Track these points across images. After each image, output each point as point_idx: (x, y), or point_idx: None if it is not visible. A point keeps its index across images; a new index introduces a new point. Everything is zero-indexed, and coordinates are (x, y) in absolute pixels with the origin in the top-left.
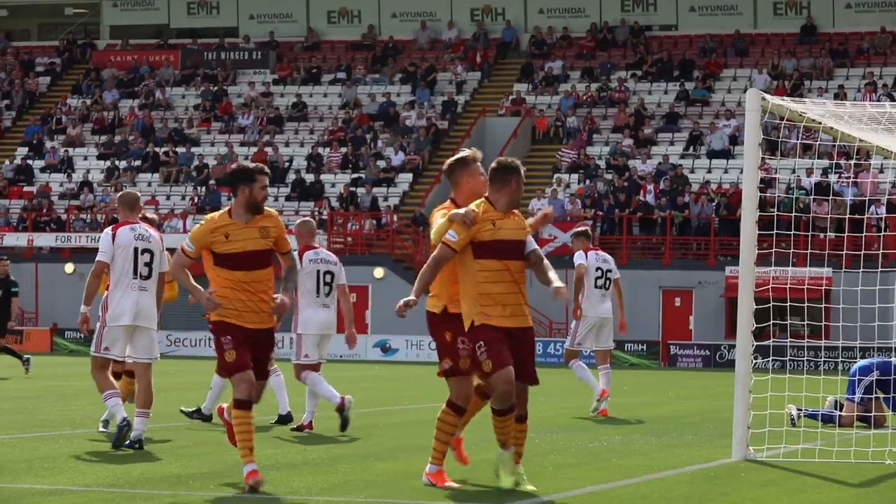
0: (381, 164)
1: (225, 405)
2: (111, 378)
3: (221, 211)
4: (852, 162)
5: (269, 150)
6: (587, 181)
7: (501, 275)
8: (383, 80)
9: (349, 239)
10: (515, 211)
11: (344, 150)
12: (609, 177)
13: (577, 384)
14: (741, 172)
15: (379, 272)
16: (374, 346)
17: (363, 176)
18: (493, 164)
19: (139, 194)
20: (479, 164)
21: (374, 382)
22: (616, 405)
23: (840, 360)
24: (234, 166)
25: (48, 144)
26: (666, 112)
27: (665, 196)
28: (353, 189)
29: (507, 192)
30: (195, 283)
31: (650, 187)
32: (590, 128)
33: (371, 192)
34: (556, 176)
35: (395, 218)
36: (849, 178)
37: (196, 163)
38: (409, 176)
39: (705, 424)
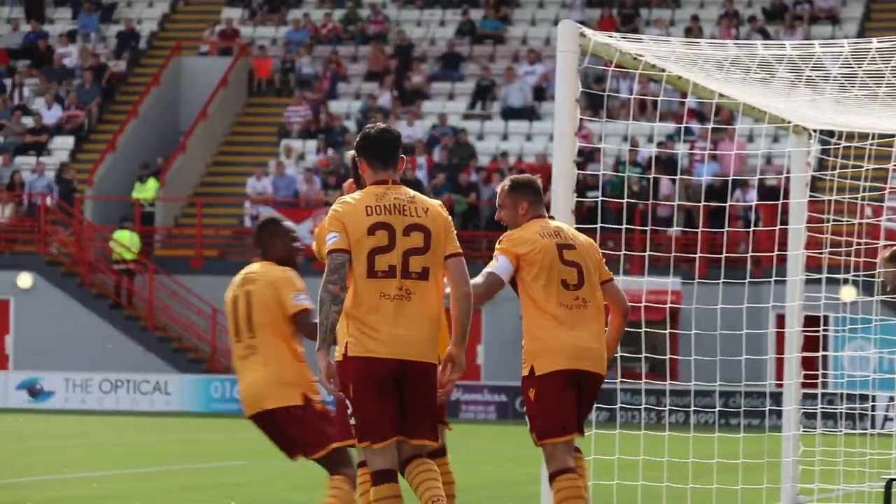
0: (28, 121)
1: None
2: None
3: None
4: (709, 126)
5: None
6: (329, 150)
7: None
8: None
9: None
10: None
11: None
12: None
13: None
14: (550, 140)
15: (25, 280)
16: (19, 388)
17: (0, 139)
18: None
19: None
20: None
21: (19, 441)
22: None
23: (692, 408)
24: None
25: None
26: (443, 52)
27: (442, 172)
28: None
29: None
30: None
31: (420, 160)
32: (333, 74)
33: (11, 163)
34: (283, 142)
35: (49, 201)
36: (704, 149)
37: None
38: (70, 140)
39: (499, 502)
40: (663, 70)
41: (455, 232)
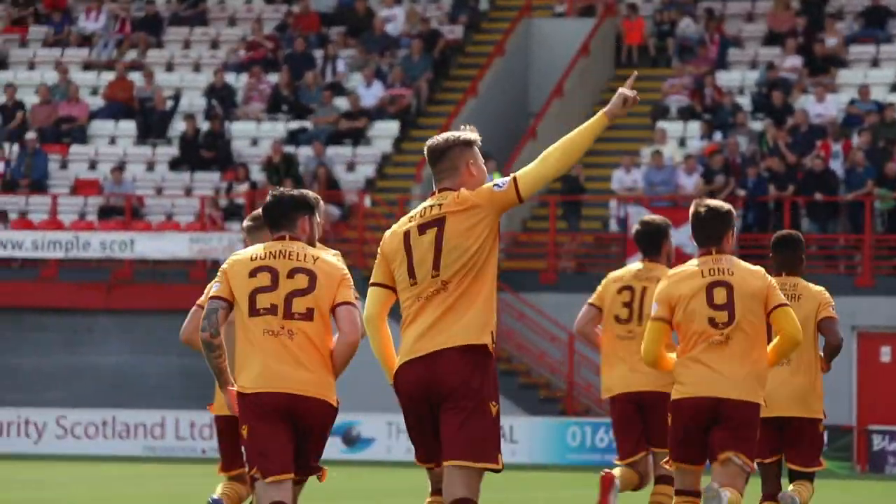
0: (342, 103)
1: None
2: None
3: None
4: None
5: (135, 77)
6: (717, 134)
7: None
8: None
9: None
10: None
11: (273, 77)
12: (758, 126)
13: None
14: None
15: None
16: (332, 435)
17: (309, 126)
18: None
19: None
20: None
21: (334, 499)
22: None
23: None
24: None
25: None
26: (864, 6)
27: (863, 160)
28: (289, 149)
29: None
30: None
31: (835, 146)
32: (721, 37)
33: (323, 154)
34: (658, 125)
35: (367, 201)
36: None
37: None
38: (394, 125)
39: None
40: None
41: None
